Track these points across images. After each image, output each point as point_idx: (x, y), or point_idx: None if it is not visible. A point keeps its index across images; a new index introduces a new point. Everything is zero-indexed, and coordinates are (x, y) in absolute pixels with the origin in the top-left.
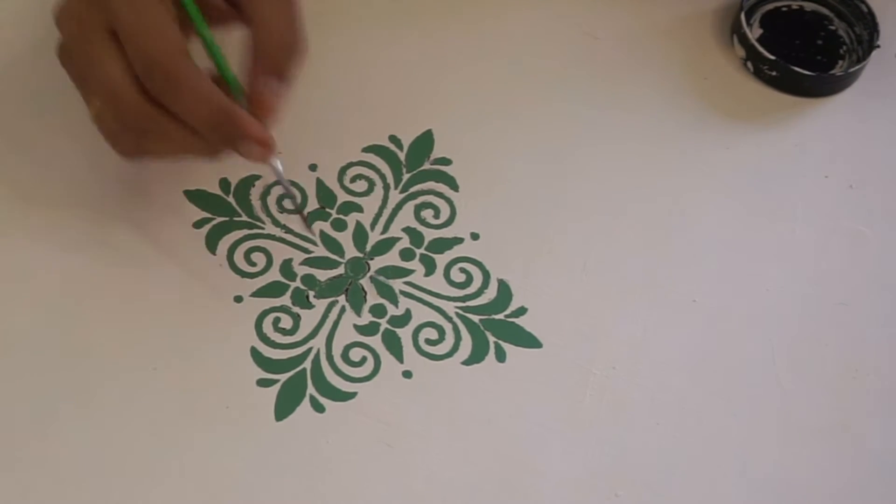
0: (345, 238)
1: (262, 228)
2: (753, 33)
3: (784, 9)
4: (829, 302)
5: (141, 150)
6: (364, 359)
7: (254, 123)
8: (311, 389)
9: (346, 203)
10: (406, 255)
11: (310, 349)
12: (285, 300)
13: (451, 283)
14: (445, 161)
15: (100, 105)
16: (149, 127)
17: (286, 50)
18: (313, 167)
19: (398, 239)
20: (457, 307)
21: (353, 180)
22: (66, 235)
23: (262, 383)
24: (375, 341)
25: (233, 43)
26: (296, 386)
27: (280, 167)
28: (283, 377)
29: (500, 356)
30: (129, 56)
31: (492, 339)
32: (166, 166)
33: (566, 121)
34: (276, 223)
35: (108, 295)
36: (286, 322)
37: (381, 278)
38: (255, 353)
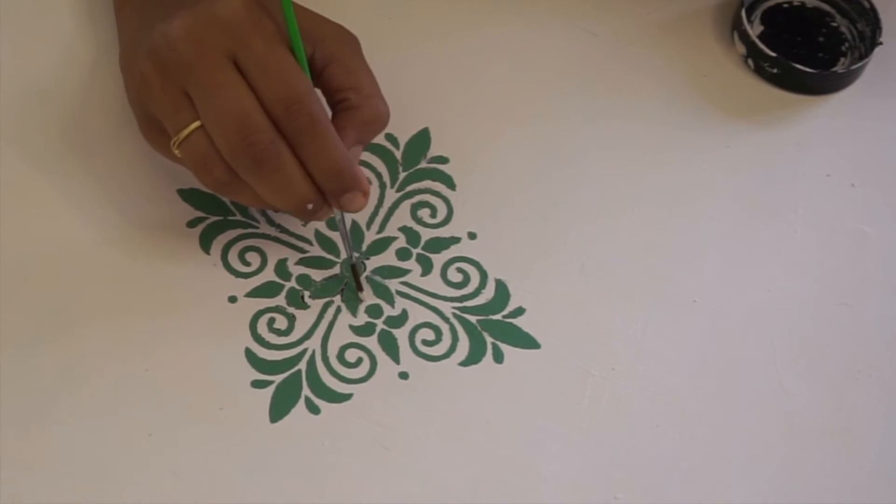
0: (340, 238)
1: (257, 228)
2: (754, 30)
3: (785, 5)
4: (832, 302)
5: (234, 185)
6: (360, 360)
7: (363, 175)
8: (306, 391)
9: None
10: (402, 254)
11: (305, 350)
12: (280, 300)
13: (448, 283)
14: (442, 159)
15: (201, 130)
16: (268, 160)
17: (381, 127)
18: None
19: (394, 238)
20: (454, 307)
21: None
22: (57, 234)
23: (257, 385)
24: (371, 342)
25: None
26: (291, 387)
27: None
28: (278, 378)
29: (498, 357)
30: (262, 88)
31: (489, 339)
32: (156, 164)
33: (564, 119)
34: (270, 223)
35: (100, 295)
36: (281, 322)
37: (377, 278)
38: (250, 354)
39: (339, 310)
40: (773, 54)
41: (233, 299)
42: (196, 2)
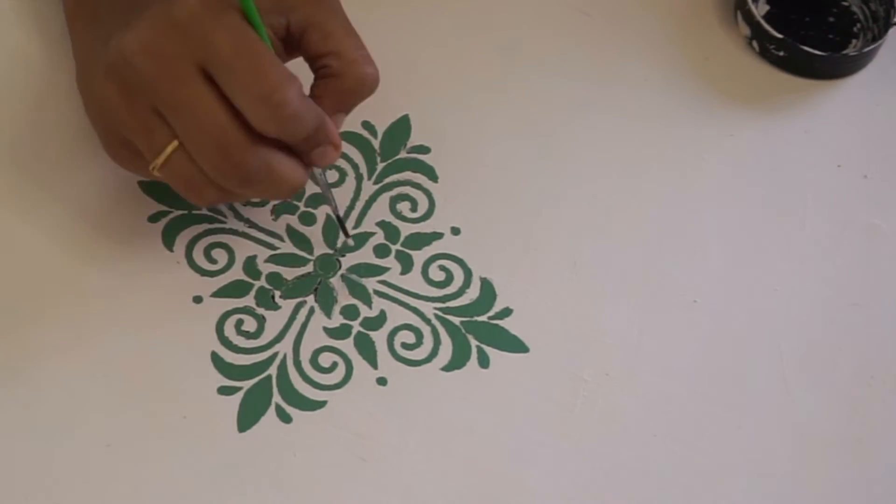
0: (314, 233)
1: (224, 222)
2: (759, 10)
3: None
4: (842, 302)
5: (226, 197)
6: (335, 364)
7: (335, 130)
8: (276, 398)
9: (315, 195)
10: (380, 251)
11: (275, 354)
12: (249, 301)
13: (430, 282)
14: (423, 149)
15: (180, 150)
16: (255, 175)
17: (367, 92)
18: None
19: (372, 234)
20: (436, 308)
21: (323, 170)
22: (10, 230)
23: (224, 391)
24: (347, 345)
25: None
26: (260, 394)
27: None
28: (247, 384)
29: (483, 362)
30: (236, 92)
31: (474, 342)
32: None
33: (555, 106)
34: (238, 217)
35: (55, 294)
36: (250, 324)
37: (354, 277)
38: (216, 359)
39: (312, 311)
40: (780, 36)
41: (198, 299)
42: (149, 5)
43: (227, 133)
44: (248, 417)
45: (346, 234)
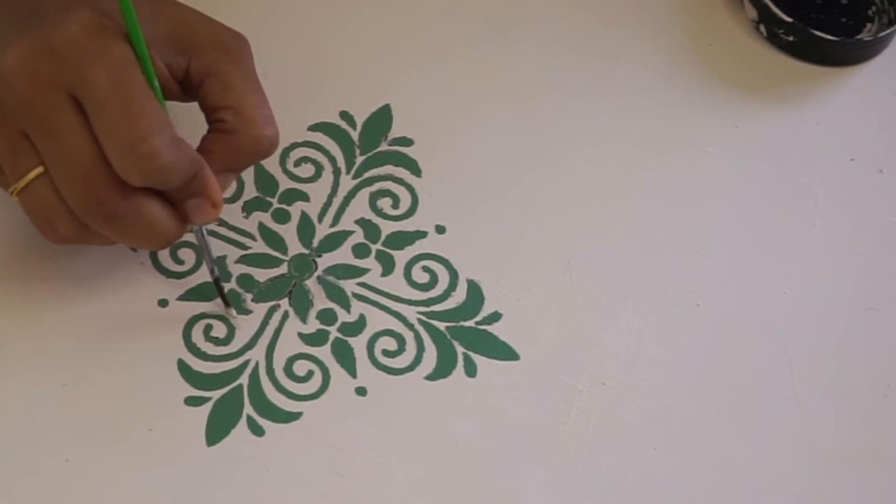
0: (288, 232)
1: None
2: None
3: None
4: (856, 306)
5: (84, 238)
6: (310, 373)
7: (216, 185)
8: (248, 409)
9: (289, 190)
10: (360, 251)
11: (247, 362)
12: (218, 304)
13: (413, 285)
14: (406, 141)
15: (43, 178)
16: (123, 216)
17: (262, 155)
18: None
19: (350, 233)
20: (419, 312)
21: (297, 164)
22: None
23: (192, 402)
24: (324, 352)
25: None
26: (230, 405)
27: (206, 234)
28: (216, 395)
29: (470, 370)
30: (103, 132)
31: (460, 349)
32: None
33: (548, 96)
34: None
35: (10, 297)
36: (219, 330)
37: (331, 279)
38: (183, 367)
39: (286, 315)
40: (789, 19)
41: (163, 303)
42: (38, 24)
43: (96, 166)
44: (217, 430)
45: (227, 304)
